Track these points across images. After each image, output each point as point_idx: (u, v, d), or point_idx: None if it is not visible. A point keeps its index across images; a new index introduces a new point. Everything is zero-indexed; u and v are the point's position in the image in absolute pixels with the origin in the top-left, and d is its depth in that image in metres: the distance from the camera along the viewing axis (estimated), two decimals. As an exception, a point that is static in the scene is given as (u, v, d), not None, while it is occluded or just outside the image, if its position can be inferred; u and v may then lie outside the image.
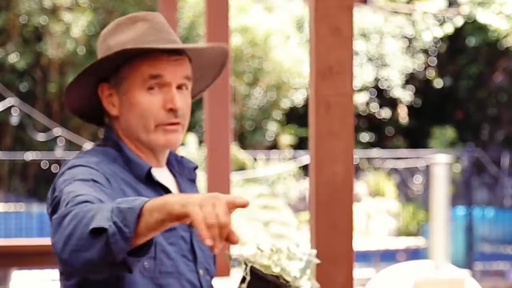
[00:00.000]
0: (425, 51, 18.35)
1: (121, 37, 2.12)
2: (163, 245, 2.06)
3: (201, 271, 2.15)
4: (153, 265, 2.04)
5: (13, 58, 15.86)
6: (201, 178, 13.06)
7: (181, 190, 2.18)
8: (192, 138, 13.76)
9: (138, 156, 2.13)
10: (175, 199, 1.74)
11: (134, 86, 2.09)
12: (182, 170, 2.23)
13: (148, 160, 2.14)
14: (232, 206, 1.71)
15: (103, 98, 2.13)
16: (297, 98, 16.81)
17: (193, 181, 2.24)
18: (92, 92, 2.15)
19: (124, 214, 1.74)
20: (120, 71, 2.10)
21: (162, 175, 2.17)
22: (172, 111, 2.09)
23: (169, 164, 2.22)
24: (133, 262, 1.78)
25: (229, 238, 1.70)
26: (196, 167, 2.27)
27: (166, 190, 2.13)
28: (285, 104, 16.78)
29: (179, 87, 2.11)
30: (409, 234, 13.91)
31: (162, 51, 2.09)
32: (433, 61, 18.58)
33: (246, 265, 1.99)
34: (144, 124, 2.09)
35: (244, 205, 1.72)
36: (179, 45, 2.12)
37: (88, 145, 14.40)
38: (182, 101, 2.11)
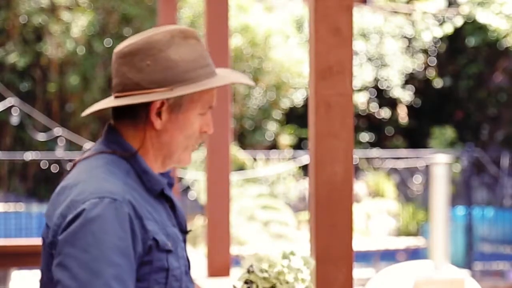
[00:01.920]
0: (425, 51, 18.35)
1: (181, 52, 2.12)
2: (173, 269, 2.07)
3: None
4: None
5: (13, 58, 15.85)
6: (201, 178, 13.05)
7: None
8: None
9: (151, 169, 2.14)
10: None
11: (195, 110, 2.13)
12: (163, 174, 2.22)
13: (157, 170, 2.17)
14: None
15: (152, 110, 2.10)
16: (297, 98, 16.82)
17: (171, 185, 2.23)
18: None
19: None
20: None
21: None
22: (205, 133, 2.17)
23: None
24: None
25: None
26: (168, 172, 2.26)
27: (171, 203, 2.16)
28: (285, 104, 16.79)
29: None
30: (408, 234, 13.91)
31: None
32: (433, 61, 18.58)
33: (247, 283, 2.01)
34: (187, 144, 2.14)
35: None
36: (249, 80, 2.25)
37: (88, 145, 14.39)
38: None
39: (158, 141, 2.12)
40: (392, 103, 18.27)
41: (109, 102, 2.13)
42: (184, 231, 2.18)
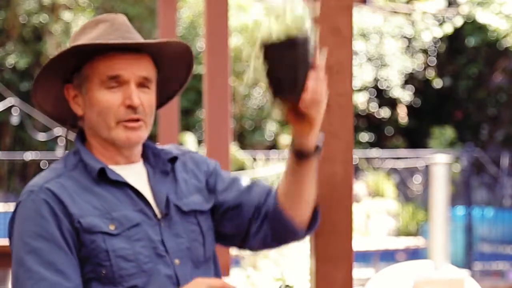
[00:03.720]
0: (425, 51, 18.35)
1: (83, 38, 2.16)
2: (117, 250, 2.08)
3: (176, 261, 2.14)
4: (111, 271, 2.07)
5: (13, 58, 15.85)
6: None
7: (151, 184, 2.19)
8: (191, 138, 13.76)
9: (95, 157, 2.17)
10: None
11: (93, 85, 2.13)
12: (156, 162, 2.24)
13: (114, 157, 2.17)
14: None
15: (70, 99, 2.18)
16: (297, 98, 16.80)
17: (166, 173, 2.23)
18: (61, 96, 2.21)
19: None
20: (81, 71, 2.15)
21: (131, 171, 2.19)
22: (131, 107, 2.12)
23: (146, 159, 2.24)
24: None
25: None
26: (171, 158, 2.25)
27: (130, 187, 2.15)
28: (285, 104, 16.77)
29: (140, 85, 2.15)
30: (408, 234, 13.90)
31: (118, 49, 2.12)
32: (433, 61, 18.58)
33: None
34: (105, 121, 2.13)
35: None
36: (126, 40, 2.14)
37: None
38: (143, 98, 2.14)
39: (87, 126, 2.18)
40: (392, 103, 18.27)
41: None
42: (162, 215, 2.16)
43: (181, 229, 2.17)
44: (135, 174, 2.19)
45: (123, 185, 2.14)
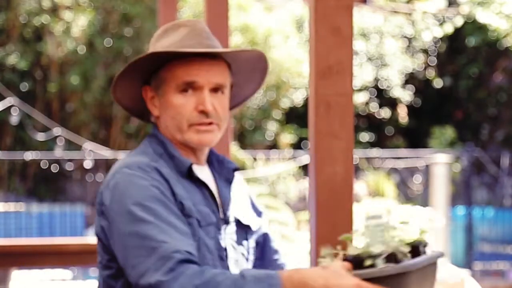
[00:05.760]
0: (425, 51, 18.35)
1: (164, 41, 2.25)
2: (203, 239, 2.16)
3: (231, 268, 2.24)
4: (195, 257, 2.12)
5: (13, 58, 15.85)
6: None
7: (219, 189, 2.29)
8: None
9: (179, 153, 2.25)
10: (318, 281, 1.92)
11: (170, 89, 2.22)
12: (221, 169, 2.34)
13: (187, 157, 2.27)
14: None
15: (147, 100, 2.27)
16: (297, 98, 16.81)
17: (229, 181, 2.33)
18: (139, 95, 2.30)
19: None
20: (159, 74, 2.23)
21: (202, 172, 2.29)
22: (203, 112, 2.21)
23: (210, 164, 2.34)
24: None
25: None
26: (235, 168, 2.36)
27: (206, 187, 2.25)
28: (285, 104, 16.79)
29: (213, 90, 2.23)
30: (408, 234, 13.88)
31: (196, 55, 2.20)
32: (433, 61, 18.58)
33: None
34: (178, 124, 2.23)
35: None
36: (205, 49, 2.23)
37: (87, 145, 14.38)
38: (216, 103, 2.23)
39: (163, 127, 2.27)
40: (392, 103, 18.27)
41: None
42: (224, 221, 2.26)
43: (237, 240, 2.27)
44: (206, 177, 2.28)
45: (201, 185, 2.24)
